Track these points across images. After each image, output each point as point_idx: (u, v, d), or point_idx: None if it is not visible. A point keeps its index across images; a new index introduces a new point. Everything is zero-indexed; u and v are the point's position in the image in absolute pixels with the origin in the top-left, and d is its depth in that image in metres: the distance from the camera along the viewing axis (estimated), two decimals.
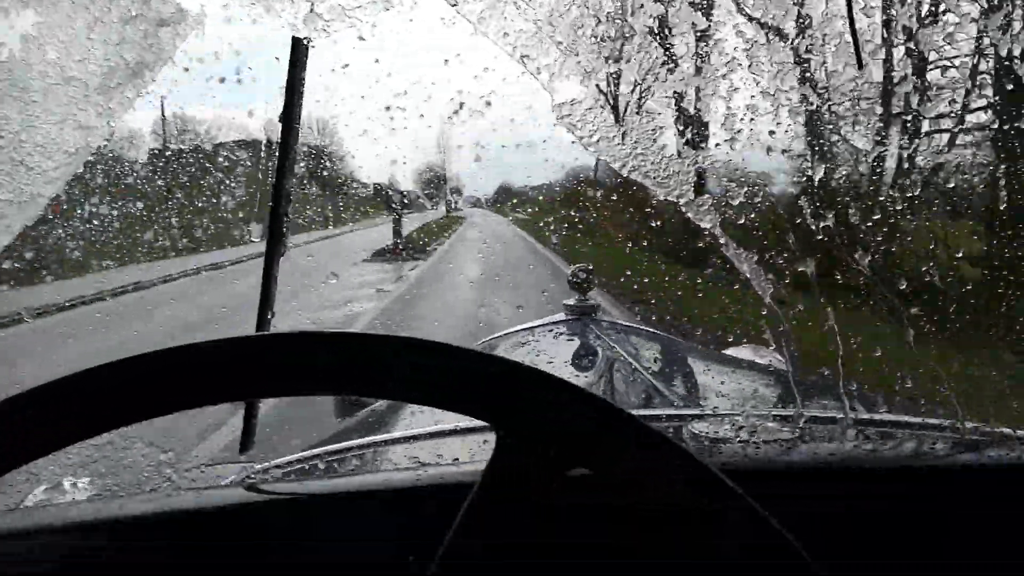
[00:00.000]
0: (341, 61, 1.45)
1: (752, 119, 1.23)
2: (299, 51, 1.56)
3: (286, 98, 1.66)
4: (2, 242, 1.26)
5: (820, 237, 1.26)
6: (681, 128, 1.23)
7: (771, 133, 1.25)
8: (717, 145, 1.25)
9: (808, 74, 1.14)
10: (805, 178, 1.27)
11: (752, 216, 1.30)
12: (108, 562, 0.84)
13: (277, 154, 1.69)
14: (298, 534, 0.86)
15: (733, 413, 1.26)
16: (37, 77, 1.25)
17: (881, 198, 1.25)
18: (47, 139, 1.27)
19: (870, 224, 1.29)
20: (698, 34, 1.24)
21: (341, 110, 1.62)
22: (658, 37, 1.20)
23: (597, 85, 1.24)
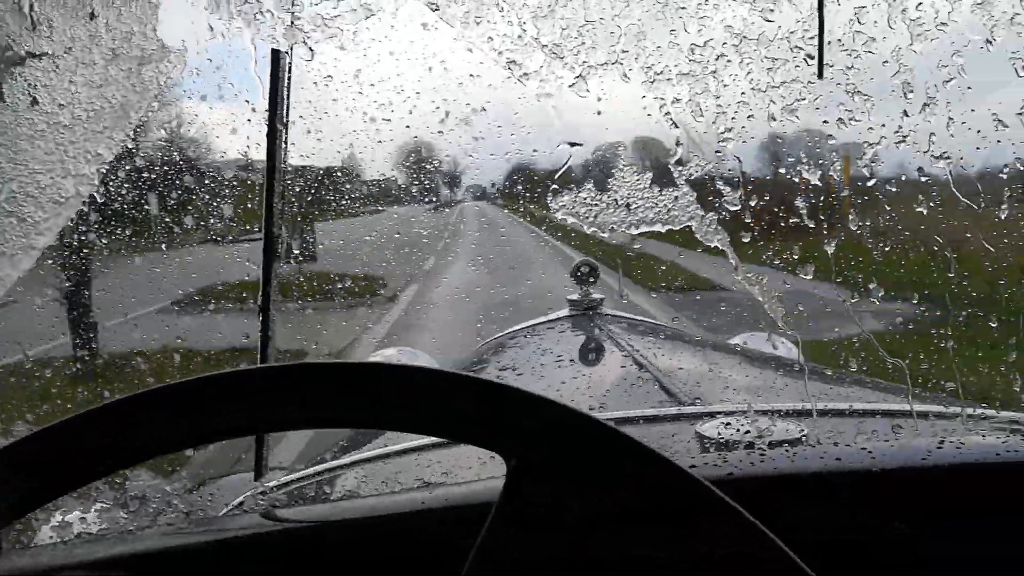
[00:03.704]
0: (323, 72, 1.43)
1: (749, 116, 1.21)
2: (280, 64, 1.54)
3: (269, 113, 1.63)
4: None
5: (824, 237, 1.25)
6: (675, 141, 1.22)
7: (773, 124, 1.23)
8: (718, 152, 1.24)
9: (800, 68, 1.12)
10: (800, 178, 1.25)
11: (749, 221, 1.28)
12: None
13: (265, 174, 1.67)
14: (315, 563, 0.86)
15: (739, 411, 1.24)
16: (24, 124, 1.23)
17: (879, 195, 1.24)
18: (38, 188, 1.26)
19: (868, 223, 1.27)
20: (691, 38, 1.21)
21: (325, 124, 1.60)
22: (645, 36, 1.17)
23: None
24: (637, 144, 1.54)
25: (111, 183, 1.47)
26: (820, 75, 1.11)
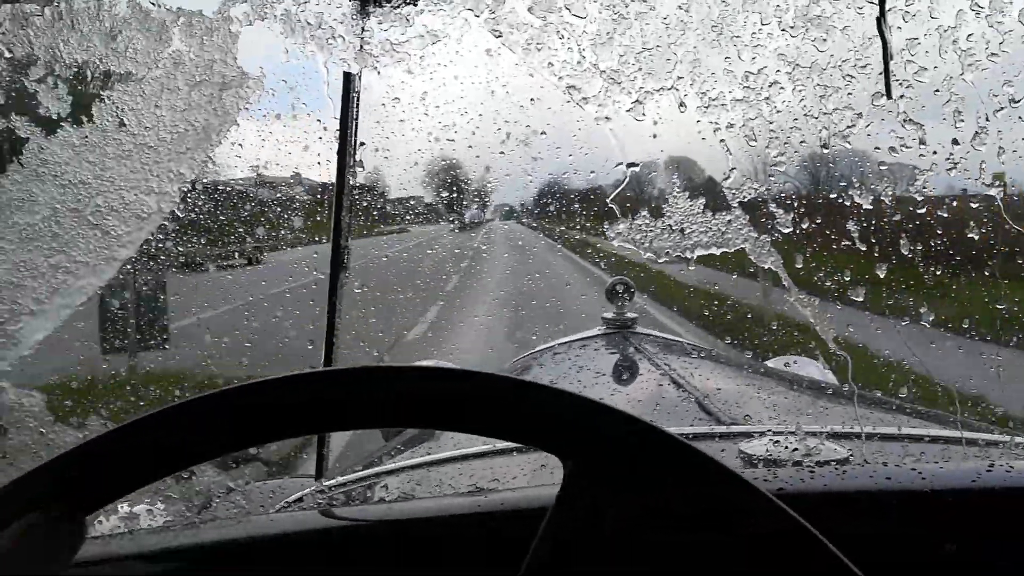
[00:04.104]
0: (391, 94, 1.49)
1: (802, 142, 1.23)
2: (351, 86, 1.61)
3: (340, 132, 1.71)
4: (77, 301, 1.33)
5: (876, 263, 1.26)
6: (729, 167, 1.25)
7: (823, 146, 1.25)
8: (771, 176, 1.26)
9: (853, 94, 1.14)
10: (850, 203, 1.26)
11: (803, 244, 1.30)
12: None
13: (334, 187, 1.74)
14: (371, 561, 0.90)
15: (787, 431, 1.25)
16: (112, 144, 1.32)
17: (930, 220, 1.24)
18: (122, 204, 1.35)
19: (920, 248, 1.28)
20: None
21: (393, 142, 1.66)
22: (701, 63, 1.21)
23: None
24: (691, 168, 1.57)
25: (189, 196, 1.55)
26: (888, 95, 1.12)
